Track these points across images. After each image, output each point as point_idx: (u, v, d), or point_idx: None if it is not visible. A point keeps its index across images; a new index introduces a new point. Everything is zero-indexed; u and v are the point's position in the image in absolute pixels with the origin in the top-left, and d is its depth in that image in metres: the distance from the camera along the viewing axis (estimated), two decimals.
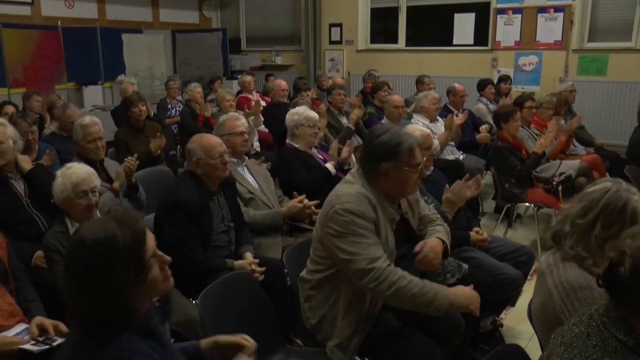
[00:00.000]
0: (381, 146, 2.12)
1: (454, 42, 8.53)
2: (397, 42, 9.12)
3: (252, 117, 5.39)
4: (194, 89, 6.42)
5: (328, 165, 3.79)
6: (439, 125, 5.24)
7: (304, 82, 6.90)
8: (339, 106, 5.93)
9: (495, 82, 6.91)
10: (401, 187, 2.18)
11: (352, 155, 4.22)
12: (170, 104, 7.01)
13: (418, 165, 2.15)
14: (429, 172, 3.23)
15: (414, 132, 2.79)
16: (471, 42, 8.38)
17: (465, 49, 8.38)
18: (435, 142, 4.68)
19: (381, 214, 2.12)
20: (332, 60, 9.69)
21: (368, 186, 2.13)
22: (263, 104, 5.98)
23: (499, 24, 7.95)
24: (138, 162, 3.52)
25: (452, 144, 5.16)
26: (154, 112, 6.63)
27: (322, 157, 3.94)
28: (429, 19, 9.06)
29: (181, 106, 6.77)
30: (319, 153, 3.99)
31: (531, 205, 4.52)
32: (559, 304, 1.74)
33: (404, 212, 2.35)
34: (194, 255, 2.66)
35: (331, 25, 9.54)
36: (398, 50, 9.06)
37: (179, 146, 6.00)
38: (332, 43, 9.62)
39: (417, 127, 3.27)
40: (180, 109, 6.64)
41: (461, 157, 5.19)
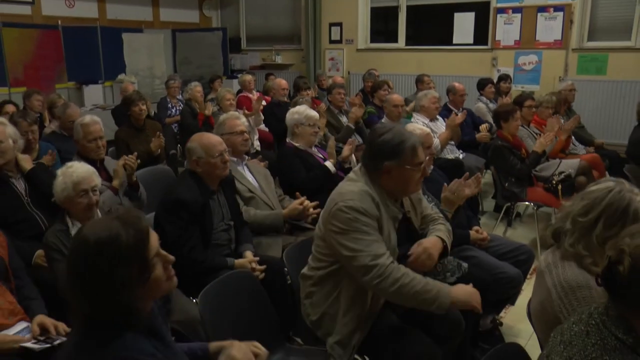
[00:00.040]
0: (384, 145, 2.12)
1: (454, 42, 8.52)
2: (397, 42, 9.12)
3: (252, 116, 5.39)
4: (194, 88, 6.42)
5: (327, 163, 3.80)
6: (439, 124, 5.25)
7: (304, 81, 6.90)
8: (339, 105, 5.93)
9: (495, 81, 6.91)
10: (404, 186, 2.18)
11: (353, 154, 4.24)
12: (170, 103, 7.00)
13: (421, 164, 2.16)
14: (428, 171, 3.23)
15: (414, 131, 2.79)
16: (471, 41, 8.38)
17: (465, 48, 8.38)
18: (436, 141, 4.69)
19: (384, 211, 2.12)
20: (332, 59, 9.68)
21: (371, 184, 2.13)
22: (263, 103, 5.99)
23: (499, 23, 7.95)
24: (139, 161, 3.52)
25: (452, 143, 5.16)
26: (154, 111, 6.63)
27: (322, 156, 3.94)
28: (428, 18, 9.05)
29: (181, 105, 6.77)
30: (319, 152, 3.99)
31: (531, 204, 4.53)
32: (558, 303, 1.74)
33: (407, 211, 2.35)
34: (194, 254, 2.66)
35: (331, 25, 9.53)
36: (398, 50, 9.06)
37: (179, 145, 6.00)
38: (332, 42, 9.61)
39: (417, 126, 3.28)
40: (181, 108, 6.63)
41: (461, 156, 5.19)
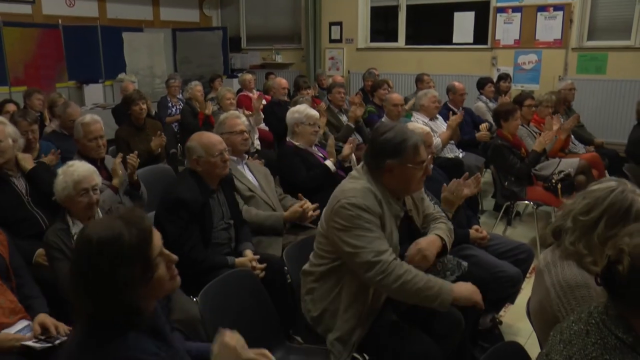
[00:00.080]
0: (386, 143, 2.12)
1: (454, 41, 8.52)
2: (397, 41, 9.11)
3: (252, 116, 5.40)
4: (194, 87, 6.42)
5: (327, 162, 3.80)
6: (439, 124, 5.25)
7: (304, 80, 6.91)
8: (339, 104, 5.94)
9: (495, 80, 6.91)
10: (406, 184, 2.18)
11: (353, 153, 4.24)
12: (170, 102, 7.01)
13: (423, 163, 2.16)
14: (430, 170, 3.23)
15: (415, 130, 2.79)
16: (471, 40, 8.38)
17: (465, 48, 8.37)
18: (437, 140, 4.70)
19: (387, 209, 2.13)
20: (332, 58, 9.68)
21: (373, 182, 2.14)
22: (263, 102, 5.99)
23: (499, 22, 7.95)
24: (139, 160, 3.53)
25: (452, 142, 5.17)
26: (154, 111, 6.64)
27: (322, 155, 3.95)
28: (428, 18, 9.05)
29: (182, 104, 6.77)
30: (319, 151, 4.00)
31: (530, 203, 4.53)
32: (556, 302, 1.74)
33: (409, 210, 2.35)
34: (194, 254, 2.66)
35: (331, 24, 9.53)
36: (398, 49, 9.06)
37: (179, 144, 6.01)
38: (332, 41, 9.61)
39: (418, 125, 3.27)
40: (181, 108, 6.64)
41: (461, 155, 5.19)
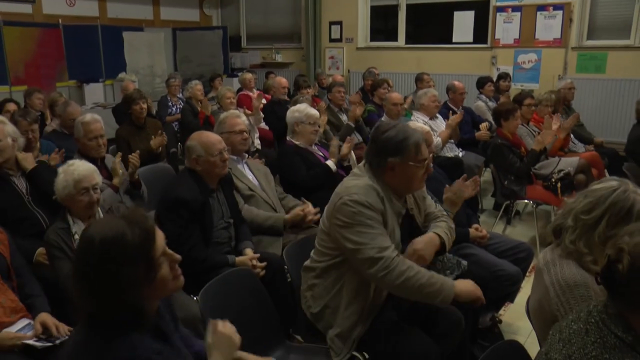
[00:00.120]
0: (388, 141, 2.13)
1: (454, 40, 8.52)
2: (396, 40, 9.12)
3: (252, 115, 5.40)
4: (194, 86, 6.43)
5: (329, 162, 3.80)
6: (439, 123, 5.26)
7: (304, 79, 6.92)
8: (338, 104, 5.94)
9: (495, 79, 6.91)
10: (407, 183, 2.19)
11: (352, 152, 4.24)
12: (171, 102, 7.01)
13: (424, 161, 2.17)
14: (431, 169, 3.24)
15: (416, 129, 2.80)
16: (471, 39, 8.38)
17: (465, 47, 8.38)
18: (437, 139, 4.70)
19: (389, 206, 2.13)
20: (332, 57, 9.68)
21: (375, 180, 2.14)
22: (263, 101, 6.00)
23: (499, 21, 7.95)
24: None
25: (452, 141, 5.17)
26: (155, 110, 6.65)
27: (322, 154, 3.95)
28: (428, 17, 9.05)
29: (182, 104, 6.78)
30: (319, 150, 4.00)
31: (530, 202, 4.53)
32: (555, 301, 1.74)
33: (410, 208, 2.36)
34: (195, 253, 2.66)
35: (331, 23, 9.53)
36: (398, 48, 9.06)
37: (179, 143, 6.01)
38: (332, 41, 9.61)
39: (418, 125, 3.27)
40: (181, 107, 6.63)
41: (460, 155, 5.19)
